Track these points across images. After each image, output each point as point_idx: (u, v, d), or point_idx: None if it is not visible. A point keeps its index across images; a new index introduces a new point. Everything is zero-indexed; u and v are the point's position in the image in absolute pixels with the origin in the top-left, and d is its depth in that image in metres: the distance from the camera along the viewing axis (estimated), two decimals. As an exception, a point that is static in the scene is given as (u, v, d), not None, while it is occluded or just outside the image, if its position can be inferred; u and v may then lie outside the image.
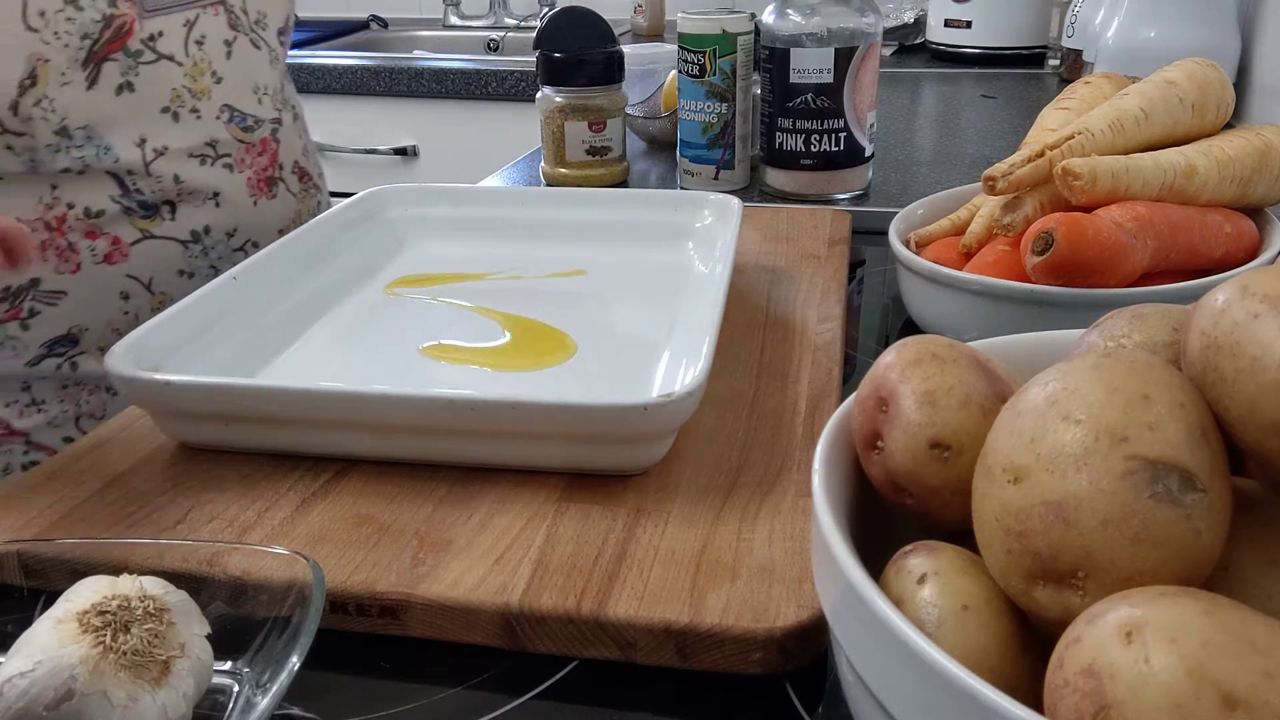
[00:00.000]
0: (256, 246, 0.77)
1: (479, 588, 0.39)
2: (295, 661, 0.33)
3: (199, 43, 0.72)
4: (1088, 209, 0.58)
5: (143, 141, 0.69)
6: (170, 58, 0.70)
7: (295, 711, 0.37)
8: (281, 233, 0.79)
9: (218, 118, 0.73)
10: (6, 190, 0.65)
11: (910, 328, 0.66)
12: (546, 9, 2.07)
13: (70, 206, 0.67)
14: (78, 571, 0.38)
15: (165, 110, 0.70)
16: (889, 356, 0.33)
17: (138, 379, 0.47)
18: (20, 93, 0.62)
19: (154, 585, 0.35)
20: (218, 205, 0.74)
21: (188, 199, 0.72)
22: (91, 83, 0.65)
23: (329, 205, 0.87)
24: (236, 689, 0.36)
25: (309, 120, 0.94)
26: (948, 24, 1.63)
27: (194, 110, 0.72)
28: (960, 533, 0.30)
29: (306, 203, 0.84)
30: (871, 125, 0.90)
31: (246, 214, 0.76)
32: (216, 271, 0.74)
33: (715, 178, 0.94)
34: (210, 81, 0.73)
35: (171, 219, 0.71)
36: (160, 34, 0.69)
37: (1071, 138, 0.60)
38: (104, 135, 0.67)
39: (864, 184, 0.92)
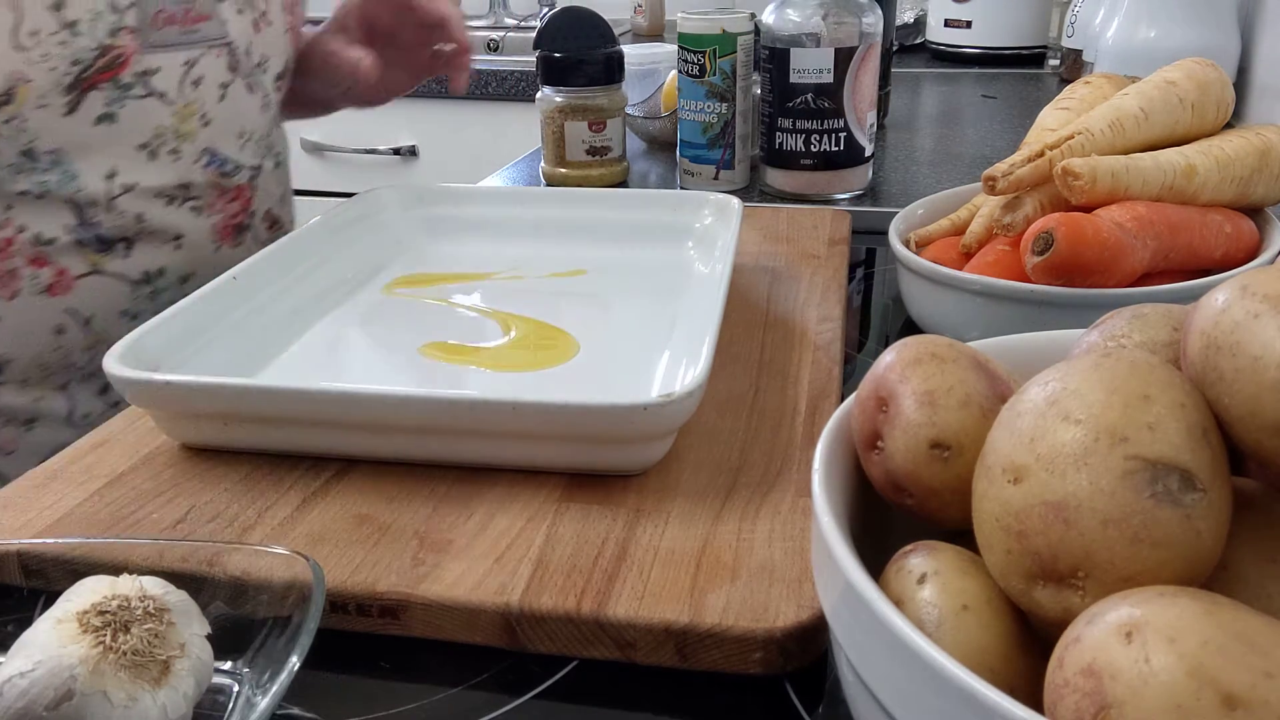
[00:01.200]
0: None
1: (479, 588, 0.39)
2: (295, 661, 0.33)
3: (195, 83, 0.69)
4: (1088, 209, 0.58)
5: (112, 175, 0.66)
6: (162, 95, 0.67)
7: (295, 711, 0.37)
8: None
9: (196, 161, 0.71)
10: None
11: (910, 328, 0.66)
12: (546, 9, 2.07)
13: (21, 230, 0.64)
14: (78, 571, 0.38)
15: (143, 147, 0.67)
16: (889, 356, 0.33)
17: (138, 379, 0.47)
18: None
19: (154, 585, 0.35)
20: (178, 248, 0.71)
21: (147, 239, 0.69)
22: (71, 109, 0.63)
23: None
24: (236, 689, 0.36)
25: (313, 125, 0.93)
26: (948, 24, 1.63)
27: (173, 151, 0.69)
28: (960, 533, 0.30)
29: None
30: (871, 125, 0.90)
31: (206, 259, 0.73)
32: None
33: (715, 178, 0.94)
34: (198, 124, 0.70)
35: (126, 256, 0.69)
36: (156, 70, 0.66)
37: (1071, 138, 0.60)
38: (73, 162, 0.65)
39: (864, 184, 0.92)
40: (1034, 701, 0.23)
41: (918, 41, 1.77)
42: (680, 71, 0.92)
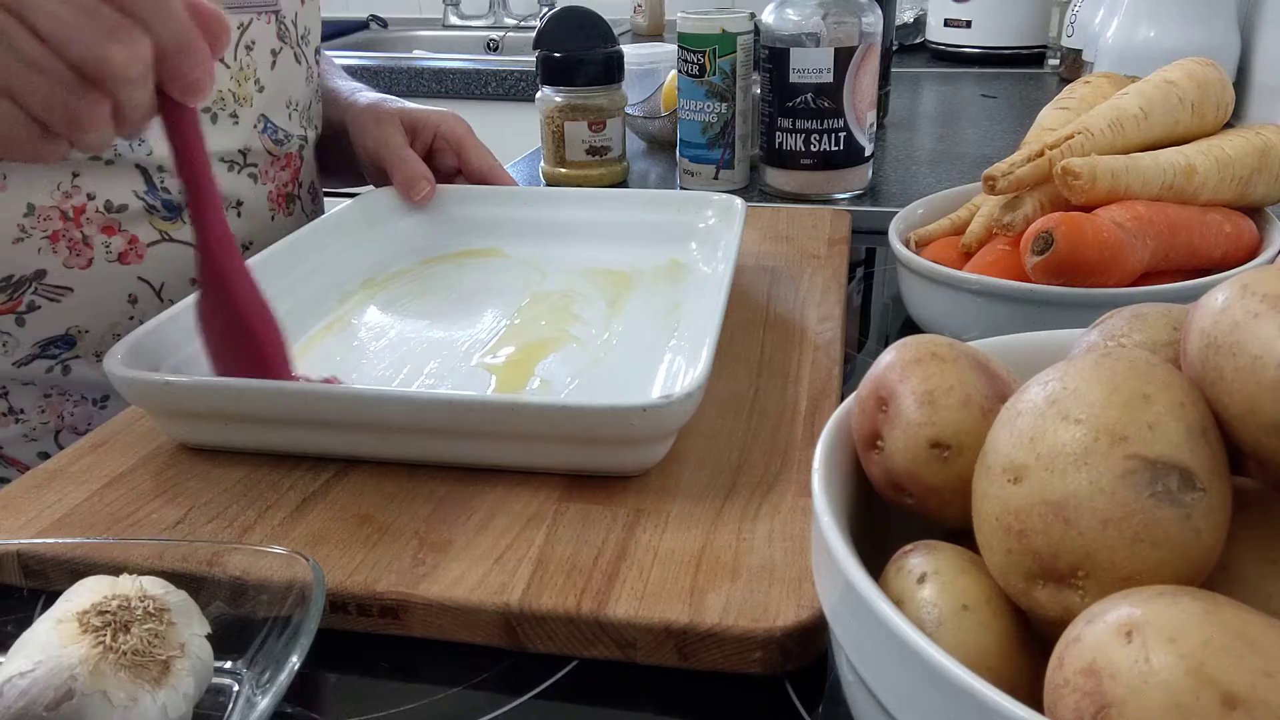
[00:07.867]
0: None
1: (479, 588, 0.39)
2: (295, 661, 0.33)
3: (248, 48, 0.71)
4: (1088, 209, 0.58)
5: None
6: (219, 59, 0.67)
7: (295, 711, 0.37)
8: None
9: (254, 126, 0.72)
10: (22, 172, 0.62)
11: (910, 328, 0.66)
12: (546, 9, 2.07)
13: (90, 198, 0.65)
14: (78, 571, 0.38)
15: (205, 110, 0.68)
16: (889, 356, 0.33)
17: (138, 379, 0.47)
18: None
19: (154, 585, 0.35)
20: (239, 215, 0.72)
21: None
22: None
23: None
24: (236, 689, 0.36)
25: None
26: (948, 24, 1.63)
27: (233, 115, 0.70)
28: (960, 533, 0.30)
29: None
30: (871, 125, 0.90)
31: (263, 227, 0.74)
32: None
33: (715, 177, 0.94)
34: (253, 89, 0.71)
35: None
36: None
37: (1071, 137, 0.60)
38: None
39: (864, 184, 0.92)
40: (1034, 701, 0.23)
41: (918, 41, 1.77)
42: (680, 71, 0.92)
